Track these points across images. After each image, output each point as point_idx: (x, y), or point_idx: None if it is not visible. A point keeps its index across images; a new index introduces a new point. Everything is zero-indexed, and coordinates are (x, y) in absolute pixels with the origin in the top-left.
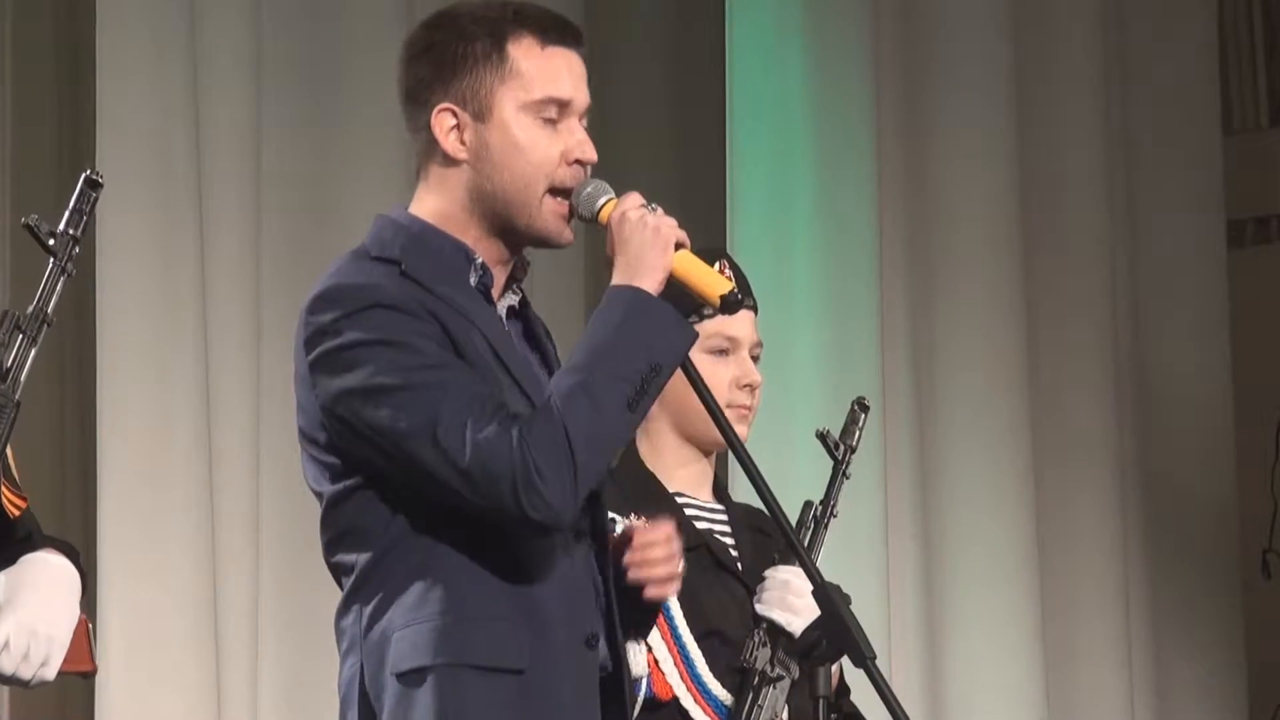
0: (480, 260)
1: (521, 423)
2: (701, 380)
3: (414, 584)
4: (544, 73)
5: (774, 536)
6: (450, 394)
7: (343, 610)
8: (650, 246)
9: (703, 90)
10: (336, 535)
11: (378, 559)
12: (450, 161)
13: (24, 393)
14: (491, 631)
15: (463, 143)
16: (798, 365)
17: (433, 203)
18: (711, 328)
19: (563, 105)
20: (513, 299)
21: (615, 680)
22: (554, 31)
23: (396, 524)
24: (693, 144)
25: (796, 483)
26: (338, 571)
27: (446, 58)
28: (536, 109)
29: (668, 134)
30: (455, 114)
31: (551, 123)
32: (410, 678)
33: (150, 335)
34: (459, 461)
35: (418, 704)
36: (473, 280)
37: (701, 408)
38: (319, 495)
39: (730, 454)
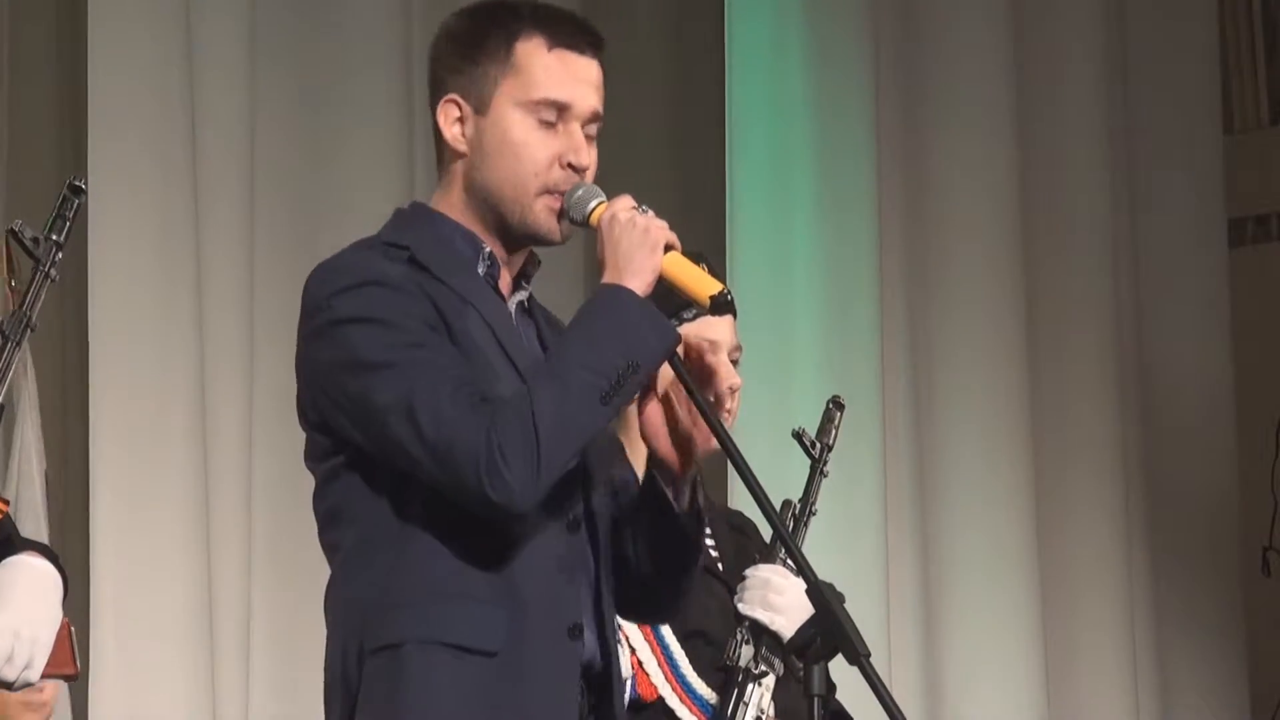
0: (488, 250)
1: (492, 406)
2: (693, 383)
3: (394, 564)
4: (546, 74)
5: (753, 536)
6: (428, 372)
7: (328, 592)
8: (639, 247)
9: (703, 90)
10: (326, 513)
11: (361, 539)
12: (454, 153)
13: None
14: (466, 612)
15: (463, 135)
16: (797, 366)
17: (444, 194)
18: (691, 330)
19: (562, 108)
20: (522, 295)
21: (605, 676)
22: (566, 35)
23: (380, 504)
24: (693, 144)
25: (795, 483)
26: (326, 550)
27: (461, 50)
28: (534, 109)
29: (668, 134)
30: (459, 105)
31: (550, 124)
32: (384, 654)
33: (145, 333)
34: (426, 438)
35: (389, 680)
36: (481, 270)
37: None
38: (312, 473)
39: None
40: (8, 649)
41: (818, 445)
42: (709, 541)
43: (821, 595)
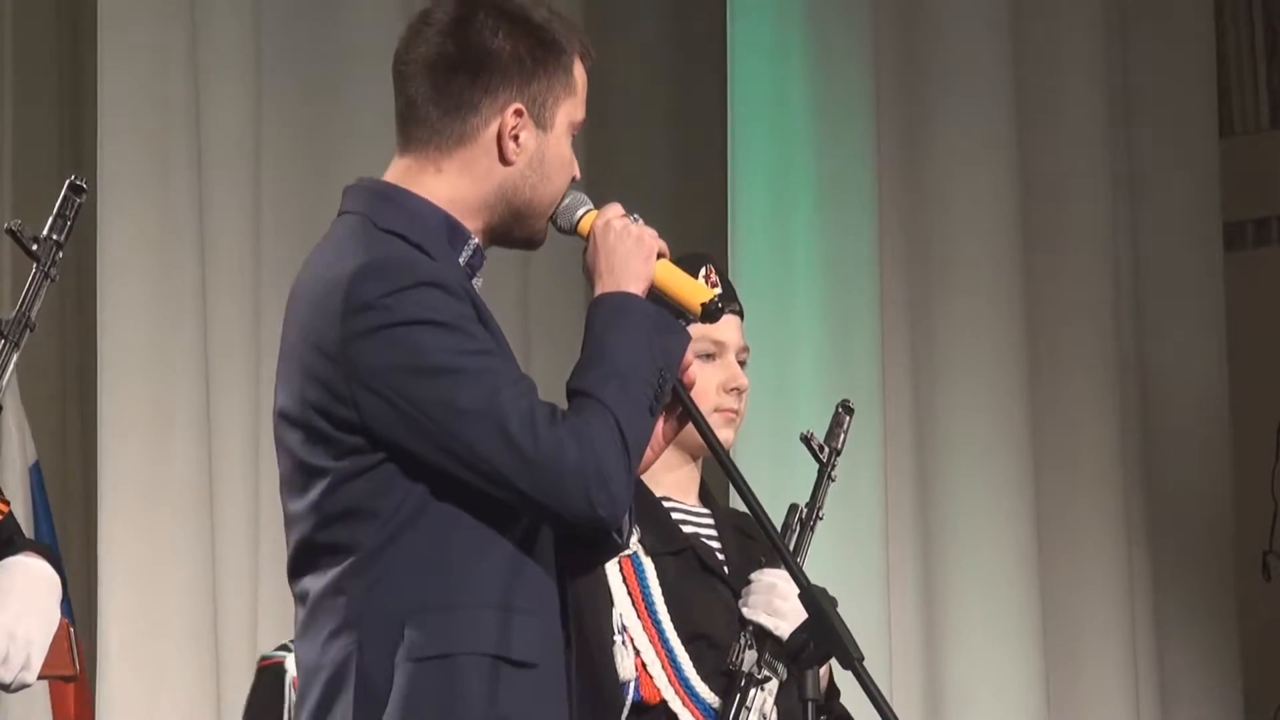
0: (476, 242)
1: (580, 421)
2: (684, 386)
3: (427, 568)
4: (584, 95)
5: (759, 540)
6: (508, 384)
7: (335, 589)
8: (634, 255)
9: (703, 91)
10: (337, 512)
11: (386, 540)
12: (497, 156)
13: (22, 395)
14: (514, 623)
15: (518, 145)
16: (797, 368)
17: (438, 183)
18: (698, 332)
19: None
20: (479, 282)
21: (569, 669)
22: (590, 53)
23: (408, 505)
24: (693, 144)
25: (797, 486)
26: (322, 550)
27: (533, 58)
28: (574, 129)
29: (668, 134)
30: (523, 114)
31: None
32: (433, 664)
33: (150, 334)
34: (526, 453)
35: (441, 691)
36: (462, 259)
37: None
38: (317, 471)
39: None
40: (3, 650)
41: (826, 449)
42: (715, 544)
43: (814, 599)
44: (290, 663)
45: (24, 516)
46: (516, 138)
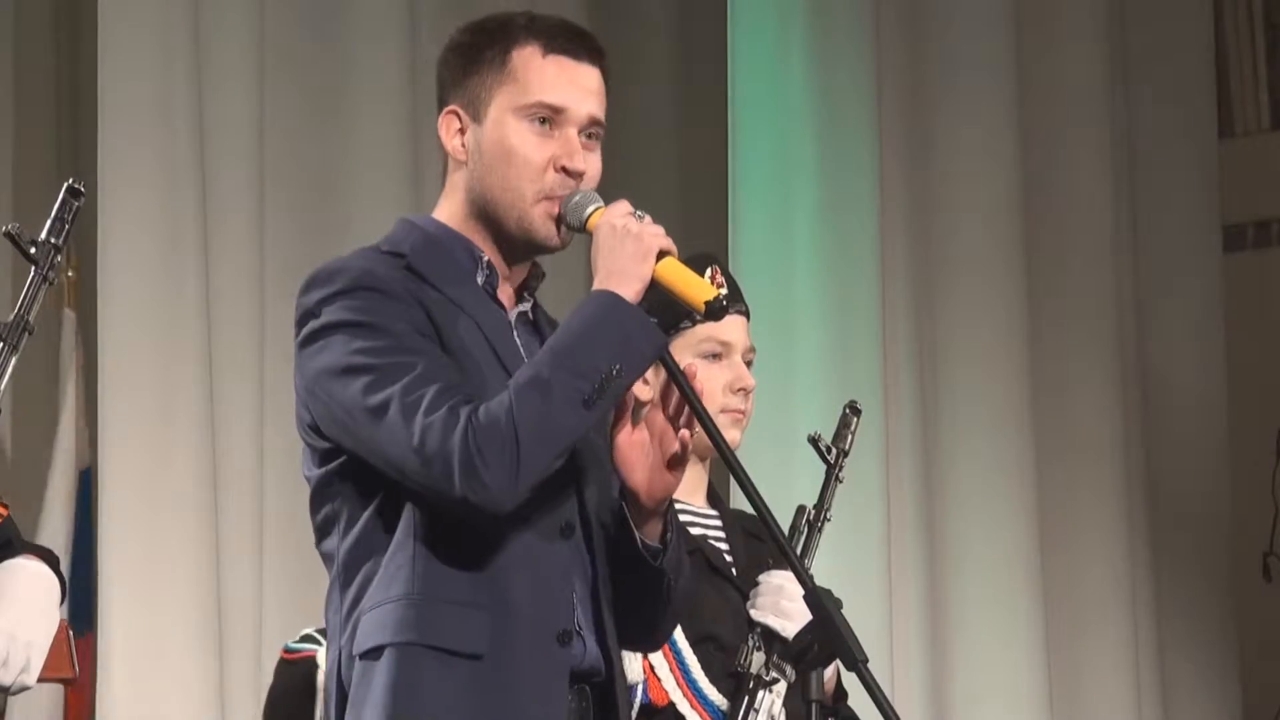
0: (487, 259)
1: (472, 409)
2: (690, 387)
3: (385, 569)
4: (539, 78)
5: (767, 541)
6: (413, 376)
7: (327, 602)
8: (630, 255)
9: (704, 91)
10: (321, 522)
11: (354, 546)
12: (456, 163)
13: (24, 396)
14: (451, 614)
15: (463, 145)
16: (799, 367)
17: (445, 205)
18: (704, 332)
19: (556, 112)
20: (524, 306)
21: (607, 684)
22: (562, 42)
23: (371, 510)
24: (694, 145)
25: (799, 486)
26: (325, 561)
27: (460, 62)
28: (527, 113)
29: (669, 135)
30: (459, 116)
31: (546, 130)
32: (370, 655)
33: (152, 335)
34: (409, 441)
35: (373, 680)
36: (480, 279)
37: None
38: (308, 480)
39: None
40: (3, 652)
41: (833, 451)
42: (723, 546)
43: (819, 601)
44: (321, 657)
45: (67, 520)
46: (464, 140)
